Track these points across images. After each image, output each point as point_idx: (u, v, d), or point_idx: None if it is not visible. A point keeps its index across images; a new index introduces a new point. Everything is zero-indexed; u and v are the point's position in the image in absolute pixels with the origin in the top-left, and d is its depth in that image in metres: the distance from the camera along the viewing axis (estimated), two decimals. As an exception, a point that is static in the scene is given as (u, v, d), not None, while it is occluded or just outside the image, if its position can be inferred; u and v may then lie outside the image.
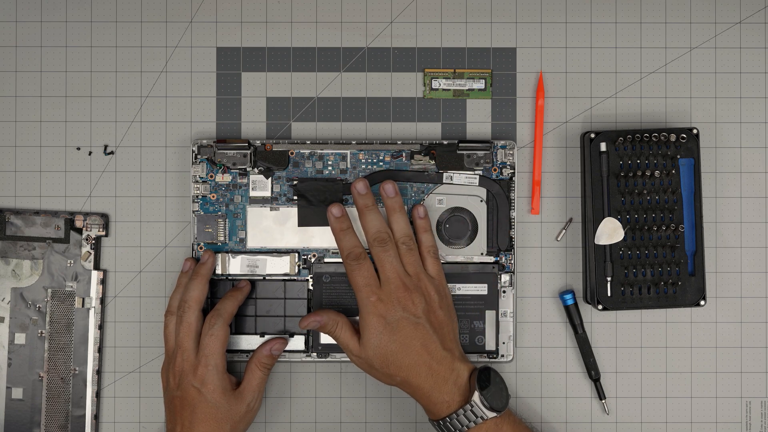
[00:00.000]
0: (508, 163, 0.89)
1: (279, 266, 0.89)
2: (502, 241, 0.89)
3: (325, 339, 0.89)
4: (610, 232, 0.86)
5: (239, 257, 0.89)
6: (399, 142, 0.89)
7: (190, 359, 0.84)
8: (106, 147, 0.90)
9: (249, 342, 0.89)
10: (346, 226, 0.86)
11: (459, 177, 0.89)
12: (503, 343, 0.89)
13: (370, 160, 0.89)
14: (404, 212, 0.86)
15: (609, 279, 0.86)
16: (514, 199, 0.89)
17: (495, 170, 0.89)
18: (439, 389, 0.82)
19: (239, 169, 0.89)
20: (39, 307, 0.89)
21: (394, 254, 0.84)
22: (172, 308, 0.86)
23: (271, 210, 0.89)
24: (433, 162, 0.89)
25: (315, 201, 0.89)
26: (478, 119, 0.91)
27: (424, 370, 0.82)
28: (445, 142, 0.89)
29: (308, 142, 0.89)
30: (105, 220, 0.90)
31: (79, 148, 0.90)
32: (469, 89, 0.90)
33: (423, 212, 0.87)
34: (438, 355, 0.82)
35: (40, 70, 0.90)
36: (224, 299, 0.86)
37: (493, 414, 0.81)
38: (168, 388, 0.85)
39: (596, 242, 0.87)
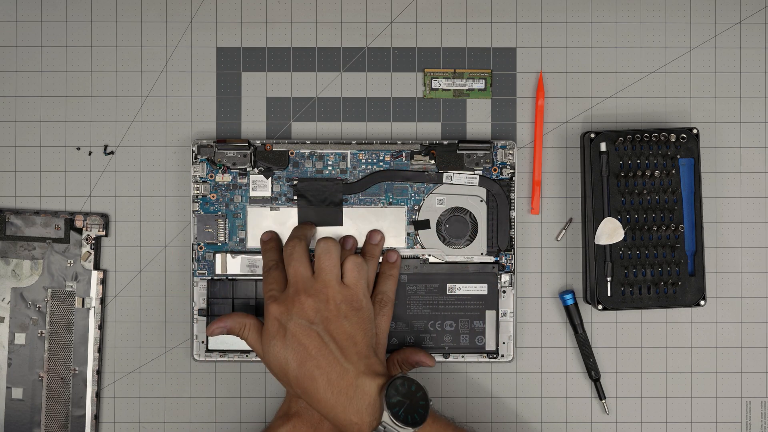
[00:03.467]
0: (508, 163, 0.89)
1: (279, 266, 0.89)
2: (502, 241, 0.89)
3: (325, 339, 0.89)
4: (610, 232, 0.86)
5: (239, 257, 0.89)
6: (399, 142, 0.89)
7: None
8: (106, 147, 0.90)
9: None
10: (270, 247, 0.86)
11: (459, 177, 0.89)
12: (503, 343, 0.89)
13: (370, 160, 0.89)
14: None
15: (609, 279, 0.86)
16: (514, 199, 0.89)
17: (495, 170, 0.89)
18: (344, 408, 0.77)
19: (239, 169, 0.89)
20: (39, 307, 0.89)
21: (298, 257, 0.81)
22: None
23: (271, 210, 0.89)
24: (433, 162, 0.89)
25: (315, 201, 0.89)
26: (478, 119, 0.91)
27: (322, 384, 0.77)
28: (445, 142, 0.89)
29: (308, 142, 0.89)
30: (105, 220, 0.90)
31: (79, 148, 0.90)
32: (469, 89, 0.90)
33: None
34: (338, 368, 0.77)
35: (40, 70, 0.90)
36: (383, 282, 0.86)
37: (412, 430, 0.75)
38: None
39: (596, 242, 0.87)
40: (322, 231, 0.89)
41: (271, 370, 0.81)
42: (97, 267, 0.90)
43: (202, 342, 0.89)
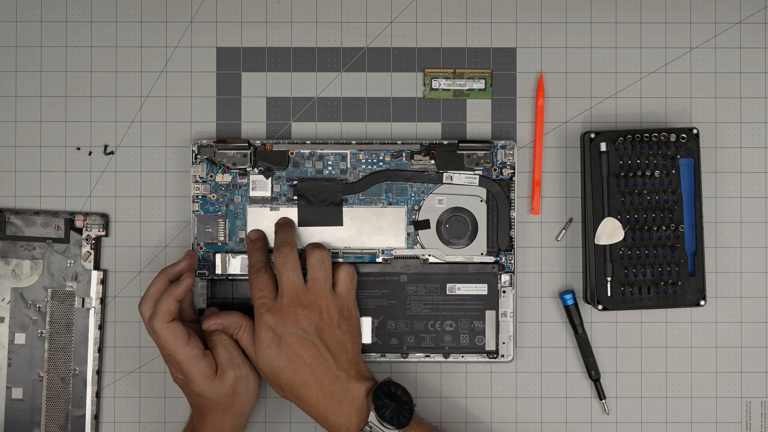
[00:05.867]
0: (508, 163, 0.89)
1: (279, 266, 0.89)
2: (502, 241, 0.89)
3: (325, 339, 0.89)
4: (610, 232, 0.86)
5: (239, 257, 0.89)
6: (399, 142, 0.89)
7: (171, 362, 0.83)
8: (106, 147, 0.90)
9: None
10: (258, 246, 0.86)
11: (459, 177, 0.89)
12: (503, 343, 0.89)
13: (370, 160, 0.89)
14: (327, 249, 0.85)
15: (609, 279, 0.86)
16: (514, 199, 0.89)
17: (495, 170, 0.89)
18: (333, 411, 0.81)
19: (239, 169, 0.89)
20: (39, 307, 0.89)
21: (293, 267, 0.82)
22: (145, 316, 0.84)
23: (271, 210, 0.89)
24: (433, 162, 0.89)
25: (315, 201, 0.89)
26: (478, 119, 0.91)
27: (315, 390, 0.81)
28: (445, 142, 0.89)
29: (308, 142, 0.89)
30: (105, 220, 0.90)
31: (79, 148, 0.90)
32: (469, 89, 0.90)
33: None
34: (331, 374, 0.81)
35: (40, 70, 0.90)
36: (162, 299, 0.82)
37: (396, 431, 0.80)
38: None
39: (596, 242, 0.87)
40: (323, 231, 0.89)
41: (262, 373, 0.83)
42: (97, 267, 0.90)
43: (202, 342, 0.89)
